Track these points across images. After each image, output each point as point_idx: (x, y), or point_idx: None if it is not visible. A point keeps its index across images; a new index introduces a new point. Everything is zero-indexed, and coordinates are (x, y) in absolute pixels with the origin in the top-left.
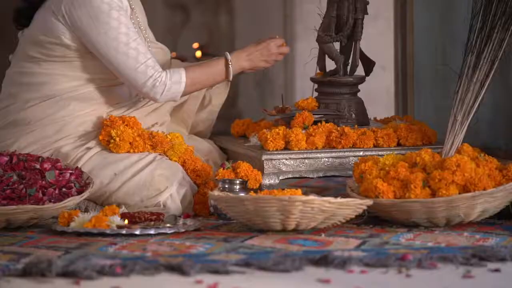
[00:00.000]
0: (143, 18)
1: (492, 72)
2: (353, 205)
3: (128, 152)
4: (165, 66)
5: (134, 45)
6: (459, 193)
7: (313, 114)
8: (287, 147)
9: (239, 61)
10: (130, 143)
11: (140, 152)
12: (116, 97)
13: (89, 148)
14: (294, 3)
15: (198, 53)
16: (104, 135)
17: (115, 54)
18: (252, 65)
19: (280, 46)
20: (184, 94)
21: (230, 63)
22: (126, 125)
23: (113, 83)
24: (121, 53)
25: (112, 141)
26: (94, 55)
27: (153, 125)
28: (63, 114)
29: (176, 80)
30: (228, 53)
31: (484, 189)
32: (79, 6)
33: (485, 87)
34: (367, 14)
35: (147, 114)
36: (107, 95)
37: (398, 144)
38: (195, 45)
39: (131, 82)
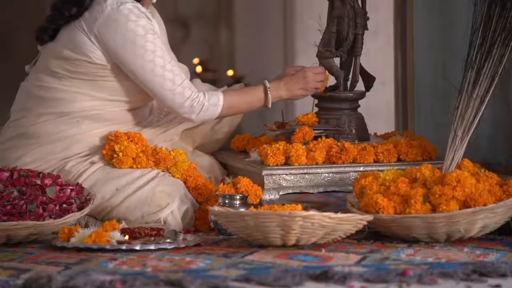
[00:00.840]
0: (165, 40)
1: (492, 87)
2: (354, 221)
3: (131, 167)
4: None
5: (169, 67)
6: (460, 209)
7: (313, 130)
8: (287, 163)
9: (277, 89)
10: (133, 158)
11: (143, 168)
12: (131, 119)
13: (92, 163)
14: (294, 18)
15: (199, 69)
16: (107, 150)
17: (152, 76)
18: (290, 95)
19: (317, 73)
20: (219, 117)
21: (269, 90)
22: (131, 141)
23: (134, 106)
24: (158, 76)
25: (115, 156)
26: (127, 75)
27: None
28: (75, 132)
29: (214, 103)
30: (266, 81)
31: (485, 204)
32: (114, 29)
33: (485, 102)
34: (367, 29)
35: (158, 134)
36: (123, 117)
37: (398, 160)
38: (195, 60)
39: (167, 103)
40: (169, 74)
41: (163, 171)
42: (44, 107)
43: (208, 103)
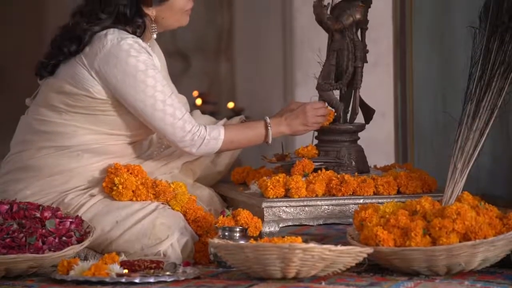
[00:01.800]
0: (165, 74)
1: (492, 120)
2: (354, 253)
3: (131, 200)
4: None
5: (170, 101)
6: (460, 242)
7: (313, 162)
8: (287, 195)
9: (278, 125)
10: (133, 191)
11: (143, 200)
12: (131, 152)
13: (92, 195)
14: (294, 51)
15: (199, 101)
16: (107, 182)
17: (153, 111)
18: (291, 130)
19: (317, 108)
20: (219, 151)
21: (269, 126)
22: (131, 173)
23: (134, 139)
24: (159, 110)
25: (115, 188)
26: (128, 110)
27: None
28: (75, 165)
29: (215, 136)
30: (267, 117)
31: (485, 237)
32: (115, 64)
33: (485, 135)
34: (366, 62)
35: (158, 168)
36: (123, 150)
37: (398, 192)
38: (195, 93)
39: (169, 137)
40: (169, 109)
41: (162, 203)
42: (44, 140)
43: (209, 137)
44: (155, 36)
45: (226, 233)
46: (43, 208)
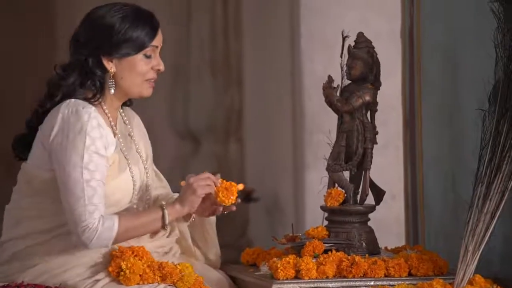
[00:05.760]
0: (145, 149)
1: (503, 203)
2: None
3: (138, 284)
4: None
5: (93, 184)
6: None
7: (324, 243)
8: (297, 276)
9: (172, 206)
10: (140, 275)
11: (150, 283)
12: None
13: (97, 280)
14: (304, 132)
15: None
16: (114, 267)
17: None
18: (184, 204)
19: (201, 178)
20: (116, 242)
21: (164, 207)
22: (136, 255)
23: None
24: (77, 190)
25: (122, 273)
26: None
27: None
28: (64, 248)
29: (108, 226)
30: (163, 201)
31: None
32: (62, 134)
33: (496, 218)
34: (376, 143)
35: (163, 254)
36: None
37: (410, 274)
38: None
39: (69, 222)
40: (89, 190)
41: (169, 285)
42: (26, 227)
43: (102, 227)
44: (112, 91)
45: None
46: None
